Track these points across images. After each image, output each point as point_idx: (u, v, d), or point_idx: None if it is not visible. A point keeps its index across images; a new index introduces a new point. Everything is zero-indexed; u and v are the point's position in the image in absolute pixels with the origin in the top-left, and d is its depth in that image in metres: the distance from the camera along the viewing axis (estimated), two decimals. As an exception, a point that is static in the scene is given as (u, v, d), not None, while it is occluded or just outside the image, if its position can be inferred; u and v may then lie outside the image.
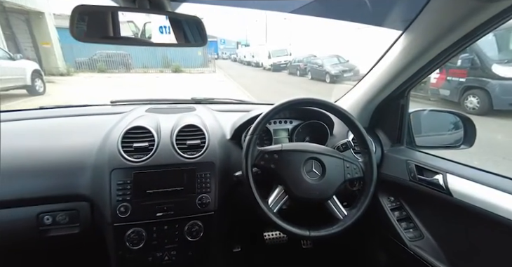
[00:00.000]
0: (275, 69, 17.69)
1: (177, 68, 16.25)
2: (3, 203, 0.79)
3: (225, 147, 0.98)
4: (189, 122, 0.95)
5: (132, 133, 0.88)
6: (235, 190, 0.96)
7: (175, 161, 0.88)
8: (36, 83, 6.93)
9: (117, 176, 0.82)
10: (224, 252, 0.98)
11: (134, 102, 1.26)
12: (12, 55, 6.45)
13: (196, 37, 0.83)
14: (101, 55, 14.26)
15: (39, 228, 0.83)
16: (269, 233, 1.36)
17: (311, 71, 12.60)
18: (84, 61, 13.74)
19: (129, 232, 0.82)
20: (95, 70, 13.74)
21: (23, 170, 0.82)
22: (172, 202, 0.85)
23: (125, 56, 14.78)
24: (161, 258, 0.86)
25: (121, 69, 14.54)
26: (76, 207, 0.86)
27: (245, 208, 1.05)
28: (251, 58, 24.32)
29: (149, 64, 15.90)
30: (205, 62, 18.26)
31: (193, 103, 1.30)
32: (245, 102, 1.45)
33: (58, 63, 11.34)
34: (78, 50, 13.11)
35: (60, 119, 1.05)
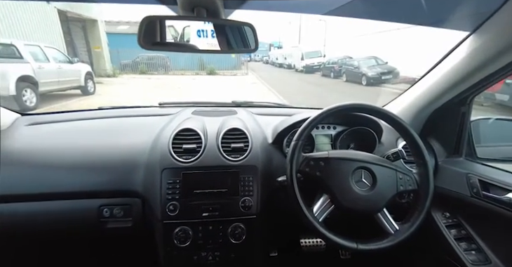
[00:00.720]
0: (307, 71, 17.41)
1: (211, 70, 16.78)
2: (70, 194, 0.88)
3: (267, 151, 0.98)
4: (233, 126, 0.97)
5: (182, 134, 0.93)
6: (276, 195, 0.96)
7: (220, 163, 0.90)
8: (88, 84, 7.64)
9: (167, 175, 0.86)
10: (261, 256, 0.98)
11: (180, 105, 1.32)
12: (70, 59, 7.21)
13: (246, 43, 0.85)
14: (143, 58, 15.28)
15: (100, 219, 0.91)
16: (306, 240, 1.33)
17: (346, 73, 12.18)
18: (128, 63, 14.86)
19: (177, 230, 0.85)
20: (137, 72, 14.76)
21: (86, 166, 0.90)
22: (217, 203, 0.88)
23: (164, 59, 15.67)
24: (206, 257, 0.88)
25: (160, 71, 15.42)
26: (129, 202, 0.93)
27: (284, 213, 1.04)
28: (283, 60, 24.22)
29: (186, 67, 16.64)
30: (238, 65, 18.60)
31: (234, 106, 1.33)
32: (285, 105, 1.44)
33: (106, 65, 12.41)
34: (123, 54, 14.23)
35: (116, 119, 1.14)
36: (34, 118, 1.09)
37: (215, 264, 0.89)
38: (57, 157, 0.90)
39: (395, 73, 10.44)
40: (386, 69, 10.58)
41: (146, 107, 1.32)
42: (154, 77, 13.50)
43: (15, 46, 5.62)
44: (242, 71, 17.88)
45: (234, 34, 0.85)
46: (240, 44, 0.85)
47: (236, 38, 0.85)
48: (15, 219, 0.87)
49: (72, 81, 7.08)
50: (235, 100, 1.41)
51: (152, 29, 0.74)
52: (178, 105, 1.31)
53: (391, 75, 10.33)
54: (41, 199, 0.87)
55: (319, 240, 1.33)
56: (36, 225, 0.89)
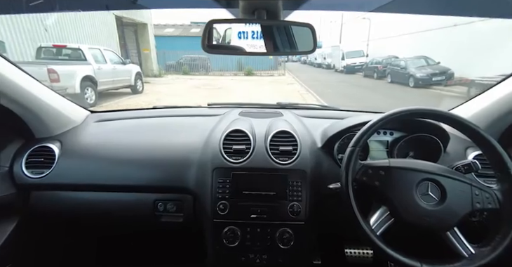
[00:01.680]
0: (348, 71, 16.70)
1: (249, 71, 17.03)
2: (129, 187, 0.95)
3: (316, 155, 0.95)
4: (281, 128, 0.96)
5: (232, 135, 0.94)
6: (325, 202, 0.92)
7: (269, 165, 0.89)
8: (137, 84, 8.30)
9: (218, 175, 0.88)
10: (307, 263, 0.95)
11: (227, 106, 1.34)
12: (123, 60, 7.91)
13: (303, 44, 0.83)
14: (186, 59, 16.12)
15: (155, 213, 0.96)
16: (352, 250, 1.27)
17: (391, 73, 11.40)
18: (172, 64, 15.81)
19: (226, 230, 0.86)
20: (180, 72, 15.60)
21: (144, 162, 0.96)
22: (265, 206, 0.87)
23: (205, 60, 16.33)
24: (253, 260, 0.88)
25: (201, 71, 16.11)
26: (181, 198, 0.97)
27: (331, 221, 1.00)
28: (322, 60, 23.57)
29: (225, 68, 17.15)
30: (275, 65, 18.60)
31: (279, 108, 1.31)
32: (332, 108, 1.39)
33: (153, 66, 13.36)
34: (169, 55, 15.19)
35: (169, 118, 1.20)
36: (100, 115, 1.20)
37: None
38: (119, 153, 0.97)
39: (449, 74, 9.48)
40: (438, 70, 9.66)
41: (195, 108, 1.38)
42: (196, 78, 14.14)
43: (81, 49, 6.37)
44: (279, 71, 17.82)
45: (284, 35, 0.84)
46: (293, 45, 0.84)
47: (286, 39, 0.84)
48: (81, 206, 0.97)
49: (124, 81, 7.76)
50: (279, 101, 1.40)
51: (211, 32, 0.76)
52: (225, 106, 1.34)
53: (444, 76, 9.40)
54: (103, 189, 0.96)
55: (366, 251, 1.25)
56: (98, 213, 0.98)
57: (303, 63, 33.75)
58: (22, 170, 0.92)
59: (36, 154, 0.94)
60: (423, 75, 9.66)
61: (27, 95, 0.88)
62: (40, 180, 0.91)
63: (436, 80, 9.39)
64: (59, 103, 1.02)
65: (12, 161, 0.93)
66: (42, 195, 0.95)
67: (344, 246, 1.27)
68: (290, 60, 36.99)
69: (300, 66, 30.17)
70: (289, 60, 35.00)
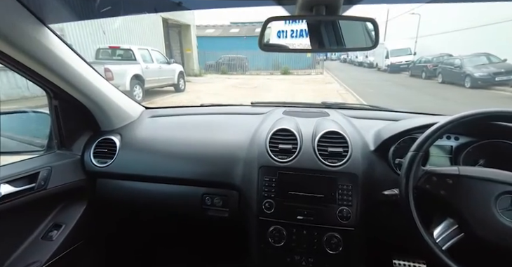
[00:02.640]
0: (392, 70, 15.63)
1: (285, 70, 16.90)
2: (179, 180, 1.00)
3: (368, 159, 0.89)
4: (331, 129, 0.92)
5: (278, 134, 0.93)
6: (377, 209, 0.86)
7: (316, 167, 0.86)
8: (180, 82, 8.77)
9: (264, 173, 0.87)
10: None
11: (270, 104, 1.34)
12: (168, 60, 8.42)
13: (358, 40, 0.79)
14: (224, 59, 16.60)
15: (202, 206, 1.00)
16: (401, 262, 1.18)
17: (443, 73, 10.38)
18: (211, 64, 16.40)
19: (271, 229, 0.86)
20: (219, 72, 16.11)
21: (193, 157, 0.99)
22: (312, 208, 0.85)
23: (242, 60, 16.63)
24: (299, 262, 0.86)
25: (239, 71, 16.43)
26: (227, 194, 0.99)
27: (382, 229, 0.94)
28: (364, 58, 22.43)
29: (261, 67, 17.26)
30: (312, 64, 18.18)
31: (324, 107, 1.27)
32: (383, 109, 1.30)
33: (194, 66, 14.00)
34: (209, 55, 15.79)
35: (216, 116, 1.23)
36: (153, 111, 1.28)
37: None
38: (171, 148, 1.03)
39: (517, 73, 8.31)
40: (504, 69, 8.51)
41: (239, 106, 1.39)
42: (233, 77, 14.47)
43: (132, 50, 6.94)
44: (316, 70, 17.38)
45: (337, 31, 0.80)
46: (351, 42, 0.80)
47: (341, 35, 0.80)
48: (137, 195, 1.04)
49: (168, 80, 8.25)
50: (325, 101, 1.35)
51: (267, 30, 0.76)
52: (269, 105, 1.33)
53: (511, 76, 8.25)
54: (157, 181, 1.02)
55: (417, 264, 1.15)
56: (152, 203, 1.05)
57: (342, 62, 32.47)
58: (91, 159, 1.02)
59: (101, 145, 1.04)
60: (484, 74, 8.60)
61: (97, 92, 0.97)
62: (104, 169, 1.01)
63: (501, 80, 8.29)
64: (120, 99, 1.11)
65: (83, 150, 1.04)
66: (105, 183, 1.05)
67: (392, 256, 1.19)
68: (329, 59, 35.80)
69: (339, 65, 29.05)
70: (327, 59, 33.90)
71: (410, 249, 1.13)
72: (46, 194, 0.88)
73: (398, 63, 15.49)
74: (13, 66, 0.76)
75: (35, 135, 1.07)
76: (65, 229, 0.95)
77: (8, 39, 0.67)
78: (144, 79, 6.85)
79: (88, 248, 1.05)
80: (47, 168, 0.89)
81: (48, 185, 0.88)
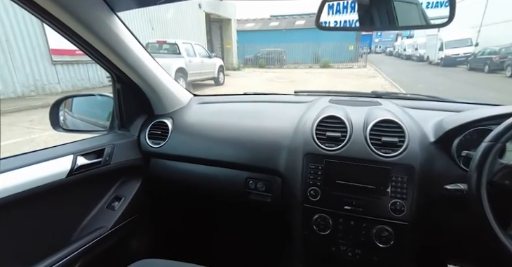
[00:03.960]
0: (446, 64, 14.11)
1: (325, 63, 16.32)
2: (224, 163, 1.02)
3: (427, 150, 0.81)
4: (385, 117, 0.85)
5: (325, 121, 0.89)
6: (436, 205, 0.79)
7: (367, 157, 0.81)
8: (219, 76, 9.02)
9: (310, 160, 0.85)
10: None
11: (315, 93, 1.29)
12: (210, 54, 8.70)
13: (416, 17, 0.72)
14: (262, 53, 16.61)
15: (246, 189, 1.02)
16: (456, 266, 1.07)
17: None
18: (250, 58, 16.54)
19: (316, 216, 0.83)
20: (257, 66, 16.18)
21: (238, 142, 1.01)
22: (361, 199, 0.80)
23: (281, 53, 16.46)
24: (345, 252, 0.83)
25: (276, 64, 16.32)
26: (271, 180, 0.99)
27: (439, 228, 0.86)
28: (413, 51, 20.60)
29: (300, 60, 16.92)
30: (354, 57, 17.26)
31: (375, 97, 1.18)
32: (442, 99, 1.17)
33: (233, 60, 14.27)
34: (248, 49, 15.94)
35: (259, 104, 1.24)
36: (201, 98, 1.33)
37: (354, 262, 0.83)
38: (217, 132, 1.06)
39: None
40: None
41: (282, 95, 1.38)
42: (271, 71, 14.41)
43: (177, 44, 7.32)
44: (359, 63, 16.48)
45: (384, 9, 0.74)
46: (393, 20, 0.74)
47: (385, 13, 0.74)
48: (186, 175, 1.10)
49: (209, 73, 8.54)
50: (375, 90, 1.26)
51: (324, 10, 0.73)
52: (313, 94, 1.29)
53: None
54: (204, 163, 1.06)
55: (480, 273, 1.04)
56: (199, 183, 1.10)
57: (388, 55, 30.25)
58: (146, 140, 1.10)
59: (155, 127, 1.12)
60: None
61: (154, 78, 1.04)
62: (157, 150, 1.08)
63: None
64: (173, 86, 1.17)
65: (139, 132, 1.12)
66: (158, 162, 1.13)
67: (448, 260, 1.09)
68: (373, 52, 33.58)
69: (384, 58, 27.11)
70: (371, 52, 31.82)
71: (470, 254, 1.02)
72: (109, 169, 0.97)
73: (454, 56, 13.91)
74: (87, 49, 0.85)
75: (100, 117, 1.19)
76: (124, 201, 1.05)
77: (85, 24, 0.74)
78: (187, 72, 7.18)
79: (142, 220, 1.15)
80: (110, 145, 0.98)
81: (111, 161, 0.98)
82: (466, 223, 0.81)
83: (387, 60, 23.52)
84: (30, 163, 0.75)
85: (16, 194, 0.70)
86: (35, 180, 0.74)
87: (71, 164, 0.84)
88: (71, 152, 0.85)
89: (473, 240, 0.86)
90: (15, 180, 0.70)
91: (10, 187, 0.69)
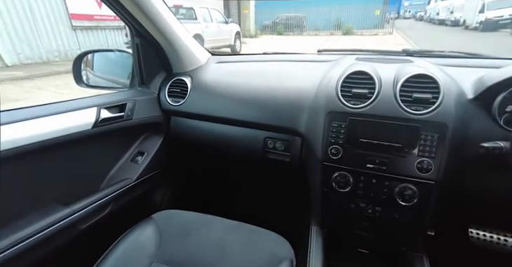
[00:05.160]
0: (485, 28, 12.66)
1: (348, 30, 15.22)
2: (243, 122, 1.02)
3: (463, 108, 0.75)
4: (418, 72, 0.78)
5: (352, 77, 0.84)
6: (467, 167, 0.75)
7: (396, 114, 0.76)
8: (236, 43, 8.68)
9: (332, 118, 0.82)
10: (422, 228, 0.84)
11: (339, 52, 1.21)
12: (226, 20, 8.29)
13: None
14: (281, 18, 15.63)
15: (264, 149, 1.02)
16: (479, 231, 1.06)
17: None
18: (268, 24, 15.67)
19: (336, 174, 0.82)
20: (275, 32, 15.38)
21: (257, 101, 0.99)
22: (385, 157, 0.78)
23: (301, 19, 15.42)
24: (364, 209, 0.83)
25: (296, 31, 15.42)
26: (290, 139, 0.98)
27: (466, 189, 0.83)
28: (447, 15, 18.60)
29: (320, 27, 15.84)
30: (380, 23, 15.91)
31: (406, 55, 1.09)
32: (481, 56, 1.05)
33: (250, 27, 13.59)
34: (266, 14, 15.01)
35: (280, 63, 1.18)
36: (219, 58, 1.29)
37: (373, 218, 0.83)
38: (236, 91, 1.04)
39: None
40: None
41: (304, 54, 1.30)
42: (290, 38, 13.69)
43: (193, 9, 6.99)
44: (384, 30, 15.23)
45: None
46: None
47: None
48: (205, 133, 1.11)
49: (225, 40, 8.23)
50: (406, 48, 1.15)
51: None
52: (337, 53, 1.21)
53: None
54: (222, 122, 1.06)
55: (502, 237, 1.02)
56: (218, 142, 1.11)
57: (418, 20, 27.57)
58: (166, 97, 1.10)
59: (175, 85, 1.11)
60: None
61: (173, 34, 1.01)
62: (177, 108, 1.09)
63: None
64: (191, 44, 1.14)
65: (159, 89, 1.12)
66: (178, 120, 1.14)
67: (470, 224, 1.07)
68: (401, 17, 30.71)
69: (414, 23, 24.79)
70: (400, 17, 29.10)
71: (495, 219, 0.99)
72: (132, 124, 1.00)
73: (497, 18, 12.40)
74: None
75: (120, 75, 1.19)
76: (147, 156, 1.09)
77: None
78: (203, 38, 6.95)
79: (165, 175, 1.20)
80: (131, 101, 0.99)
81: (133, 116, 1.00)
82: (496, 185, 0.77)
83: (417, 25, 21.50)
84: (59, 111, 0.78)
85: (47, 140, 0.74)
86: (64, 128, 0.78)
87: (95, 116, 0.86)
88: (94, 105, 0.87)
89: (501, 204, 0.83)
90: (45, 127, 0.74)
91: (42, 133, 0.73)
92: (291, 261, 0.78)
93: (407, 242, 0.86)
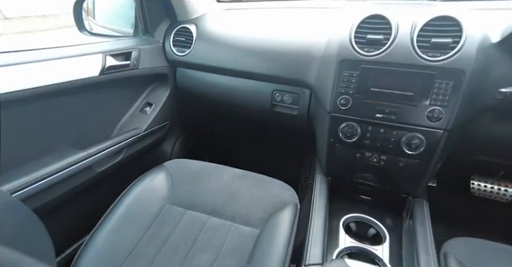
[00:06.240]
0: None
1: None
2: (249, 74, 0.99)
3: (486, 53, 0.70)
4: (440, 14, 0.71)
5: (367, 22, 0.77)
6: (480, 114, 0.73)
7: (411, 61, 0.72)
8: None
9: (344, 67, 0.78)
10: (424, 178, 0.86)
11: None
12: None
13: None
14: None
15: (272, 102, 1.01)
16: (481, 183, 1.08)
17: None
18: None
19: (344, 125, 0.82)
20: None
21: (265, 52, 0.95)
22: (396, 107, 0.76)
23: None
24: (369, 158, 0.84)
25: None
26: (298, 92, 0.96)
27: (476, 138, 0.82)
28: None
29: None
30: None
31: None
32: None
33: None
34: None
35: (288, 9, 1.10)
36: (225, 5, 1.21)
37: (377, 168, 0.84)
38: (244, 41, 0.99)
39: None
40: None
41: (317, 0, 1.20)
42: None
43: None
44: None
45: None
46: None
47: None
48: (212, 85, 1.10)
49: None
50: None
51: None
52: None
53: None
54: (229, 73, 1.04)
55: (503, 188, 1.04)
56: (225, 95, 1.10)
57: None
58: (171, 47, 1.07)
59: (179, 33, 1.07)
60: None
61: None
62: (182, 58, 1.06)
63: None
64: None
65: (164, 38, 1.08)
66: (184, 72, 1.12)
67: (472, 175, 1.08)
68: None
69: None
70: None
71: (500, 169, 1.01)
72: (138, 74, 0.99)
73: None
74: None
75: (123, 25, 1.14)
76: (155, 107, 1.10)
77: None
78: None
79: (173, 127, 1.23)
80: (137, 49, 0.97)
81: (139, 65, 0.98)
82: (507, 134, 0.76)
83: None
84: (66, 56, 0.76)
85: (56, 84, 0.73)
86: (72, 73, 0.77)
87: (101, 63, 0.85)
88: (100, 51, 0.85)
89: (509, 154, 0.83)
90: (53, 70, 0.73)
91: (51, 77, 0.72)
92: (295, 204, 0.82)
93: (409, 189, 0.88)
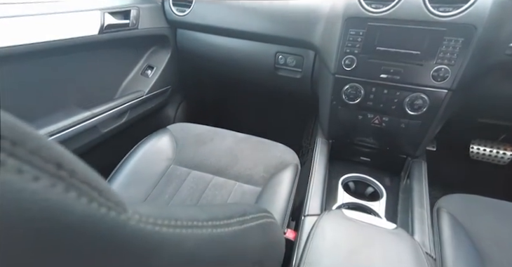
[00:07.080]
0: None
1: None
2: (250, 34, 0.96)
3: (500, 6, 0.65)
4: None
5: None
6: (488, 73, 0.71)
7: (421, 17, 0.68)
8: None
9: (350, 25, 0.75)
10: (424, 140, 0.86)
11: None
12: None
13: None
14: None
15: (275, 65, 0.99)
16: (480, 146, 1.09)
17: None
18: None
19: (347, 86, 0.81)
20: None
21: (266, 11, 0.90)
22: (401, 67, 0.74)
23: None
24: (371, 119, 0.84)
25: None
26: (302, 54, 0.93)
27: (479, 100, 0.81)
28: None
29: None
30: None
31: None
32: None
33: None
34: None
35: None
36: None
37: (379, 129, 0.85)
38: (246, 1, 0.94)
39: None
40: None
41: None
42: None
43: None
44: None
45: None
46: None
47: None
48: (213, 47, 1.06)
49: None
50: None
51: None
52: None
53: None
54: (230, 34, 1.00)
55: (501, 151, 1.05)
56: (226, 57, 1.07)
57: None
58: (170, 6, 1.02)
59: None
60: None
61: None
62: (182, 18, 1.02)
63: None
64: None
65: None
66: (185, 33, 1.09)
67: (472, 140, 1.09)
68: None
69: None
70: None
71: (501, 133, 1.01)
72: (138, 34, 0.96)
73: None
74: None
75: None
76: (157, 70, 1.09)
77: None
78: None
79: (176, 91, 1.23)
80: (135, 7, 0.93)
81: (139, 25, 0.95)
82: None
83: None
84: (63, 11, 0.73)
85: (55, 41, 0.71)
86: (71, 30, 0.75)
87: (100, 21, 0.82)
88: (97, 8, 0.82)
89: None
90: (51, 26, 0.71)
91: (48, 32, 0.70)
92: (296, 165, 0.84)
93: (409, 150, 0.90)
